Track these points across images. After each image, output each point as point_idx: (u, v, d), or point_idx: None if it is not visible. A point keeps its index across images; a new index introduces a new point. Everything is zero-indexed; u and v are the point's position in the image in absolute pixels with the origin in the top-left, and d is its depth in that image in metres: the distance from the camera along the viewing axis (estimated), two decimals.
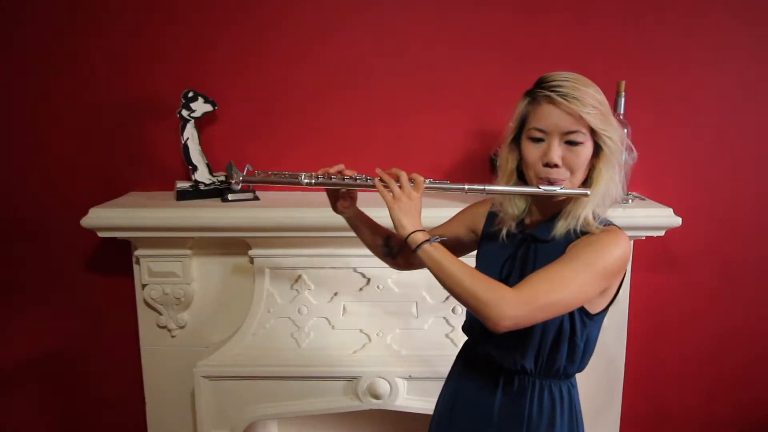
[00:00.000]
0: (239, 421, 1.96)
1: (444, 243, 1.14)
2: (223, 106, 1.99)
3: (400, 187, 1.16)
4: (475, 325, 1.30)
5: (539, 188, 1.15)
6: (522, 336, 1.18)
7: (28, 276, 2.16)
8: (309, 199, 1.88)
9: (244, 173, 1.72)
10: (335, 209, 1.34)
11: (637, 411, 2.20)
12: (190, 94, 1.92)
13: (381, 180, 1.18)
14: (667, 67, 1.99)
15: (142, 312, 2.08)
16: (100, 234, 1.88)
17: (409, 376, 1.89)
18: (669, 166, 2.05)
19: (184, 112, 1.92)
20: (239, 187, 1.43)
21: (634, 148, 1.42)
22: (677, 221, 1.86)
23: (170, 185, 2.03)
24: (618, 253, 1.13)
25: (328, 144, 2.05)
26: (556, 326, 1.18)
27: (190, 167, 1.95)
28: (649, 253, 2.08)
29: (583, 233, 1.16)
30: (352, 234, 1.41)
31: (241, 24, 1.98)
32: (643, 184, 2.04)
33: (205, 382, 1.92)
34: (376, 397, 1.90)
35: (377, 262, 1.45)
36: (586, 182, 1.17)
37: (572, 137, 1.12)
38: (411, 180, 1.18)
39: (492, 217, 1.31)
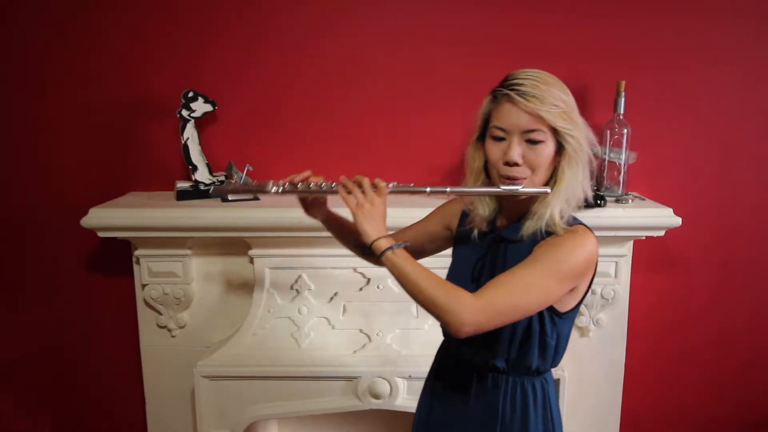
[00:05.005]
0: (239, 421, 1.96)
1: (411, 246, 1.14)
2: (223, 106, 1.99)
3: (363, 193, 1.16)
4: None
5: (500, 188, 1.16)
6: (492, 335, 1.18)
7: (28, 276, 2.15)
8: None
9: (244, 173, 1.73)
10: (307, 213, 1.35)
11: (637, 411, 2.20)
12: (190, 94, 1.92)
13: (344, 187, 1.19)
14: (667, 67, 1.99)
15: (142, 312, 2.08)
16: (100, 234, 1.88)
17: (409, 376, 1.89)
18: (669, 166, 2.05)
19: (184, 112, 1.92)
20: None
21: (597, 145, 1.38)
22: (677, 221, 1.86)
23: (170, 185, 2.03)
24: (583, 254, 1.13)
25: (328, 143, 2.05)
26: (524, 326, 1.19)
27: (190, 167, 1.95)
28: (649, 253, 2.08)
29: (549, 233, 1.16)
30: None
31: (240, 24, 1.98)
32: (643, 184, 2.04)
33: (205, 382, 1.92)
34: (376, 397, 1.90)
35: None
36: (551, 182, 1.17)
37: (532, 136, 1.12)
38: (373, 186, 1.17)
39: (465, 215, 1.31)
